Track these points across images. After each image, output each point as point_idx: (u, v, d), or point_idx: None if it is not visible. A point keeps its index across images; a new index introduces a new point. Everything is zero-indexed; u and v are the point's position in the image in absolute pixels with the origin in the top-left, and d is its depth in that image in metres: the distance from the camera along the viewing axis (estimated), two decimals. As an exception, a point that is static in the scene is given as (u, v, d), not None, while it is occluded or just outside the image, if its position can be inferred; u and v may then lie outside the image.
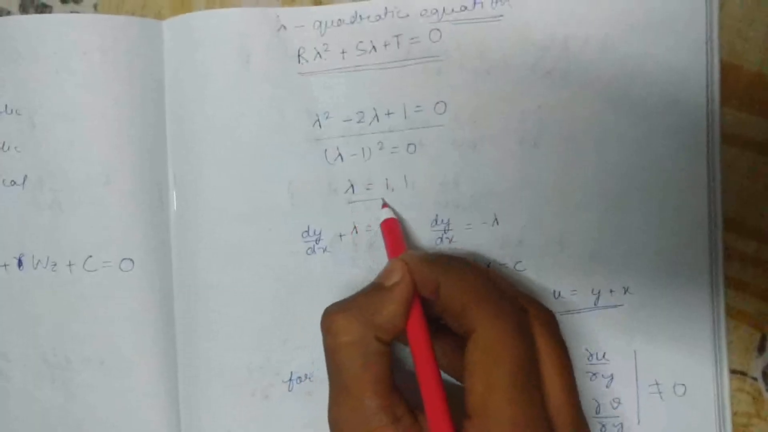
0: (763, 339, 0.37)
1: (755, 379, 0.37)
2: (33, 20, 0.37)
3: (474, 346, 0.29)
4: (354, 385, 0.29)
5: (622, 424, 0.37)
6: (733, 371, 0.37)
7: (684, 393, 0.37)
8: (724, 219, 0.36)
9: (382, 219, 0.36)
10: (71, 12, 0.38)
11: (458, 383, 0.33)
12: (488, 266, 0.37)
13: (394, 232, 0.35)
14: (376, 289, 0.31)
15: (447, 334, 0.33)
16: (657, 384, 0.37)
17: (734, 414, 0.37)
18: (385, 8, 0.36)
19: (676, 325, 0.37)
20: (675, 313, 0.37)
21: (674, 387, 0.37)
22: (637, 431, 0.37)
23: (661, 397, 0.37)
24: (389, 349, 0.30)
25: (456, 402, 0.29)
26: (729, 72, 0.36)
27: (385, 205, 0.37)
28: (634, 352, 0.37)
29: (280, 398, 0.37)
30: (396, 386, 0.30)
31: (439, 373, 0.30)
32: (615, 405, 0.37)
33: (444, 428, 0.28)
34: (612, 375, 0.37)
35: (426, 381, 0.30)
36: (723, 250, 0.36)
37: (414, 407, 0.30)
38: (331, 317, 0.30)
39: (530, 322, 0.30)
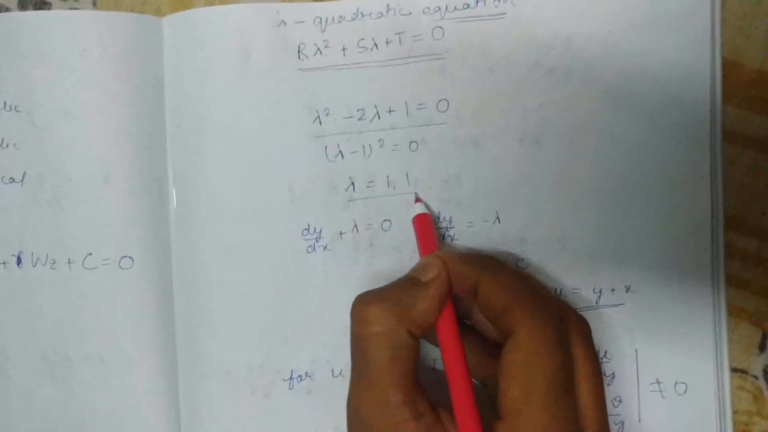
0: (764, 337, 0.37)
1: (756, 377, 0.37)
2: (32, 17, 0.37)
3: (513, 348, 0.29)
4: (379, 376, 0.29)
5: (623, 422, 0.37)
6: (734, 369, 0.37)
7: (685, 391, 0.37)
8: (725, 217, 0.37)
9: (414, 214, 0.36)
10: (70, 9, 0.38)
11: (479, 383, 0.33)
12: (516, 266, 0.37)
13: (427, 228, 0.35)
14: (410, 282, 0.31)
15: (472, 334, 0.33)
16: (658, 382, 0.37)
17: (735, 412, 0.37)
18: (387, 5, 0.36)
19: (677, 324, 0.37)
20: (676, 312, 0.37)
21: (675, 385, 0.37)
22: (638, 429, 0.37)
23: (662, 396, 0.37)
24: (418, 345, 0.30)
25: (479, 402, 0.29)
26: (730, 69, 0.36)
27: (418, 199, 0.36)
28: (636, 350, 0.37)
29: (281, 396, 0.37)
30: (419, 383, 0.30)
31: (469, 372, 0.30)
32: (616, 403, 0.37)
33: (473, 428, 0.28)
34: (613, 373, 0.37)
35: (455, 379, 0.30)
36: (724, 248, 0.36)
37: (435, 405, 0.30)
38: (363, 306, 0.30)
39: (568, 329, 0.30)
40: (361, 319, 0.30)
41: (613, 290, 0.37)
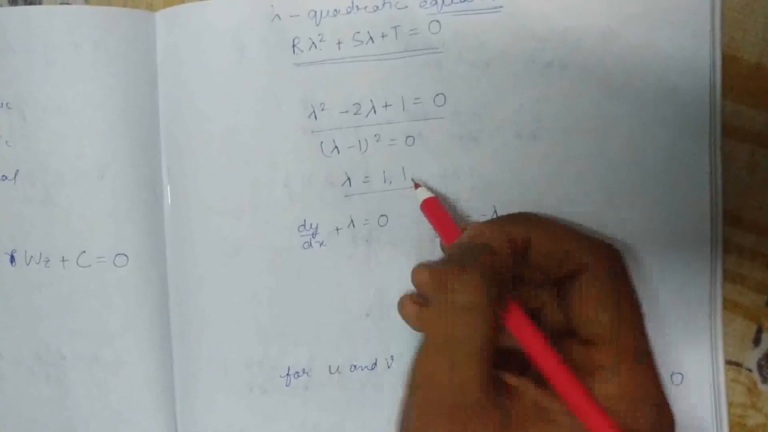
0: (758, 331, 0.37)
1: (750, 370, 0.37)
2: (23, 12, 0.36)
3: (590, 282, 0.30)
4: (460, 346, 0.28)
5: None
6: (728, 362, 0.37)
7: (681, 382, 0.37)
8: (723, 211, 0.36)
9: (420, 200, 0.35)
10: (61, 3, 0.37)
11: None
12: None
13: (440, 211, 0.34)
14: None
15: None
16: (654, 374, 0.37)
17: (730, 404, 0.37)
18: (383, -1, 0.36)
19: (674, 317, 0.37)
20: (673, 305, 0.37)
21: (671, 376, 0.37)
22: (634, 421, 0.38)
23: (658, 387, 0.37)
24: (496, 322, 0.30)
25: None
26: (728, 63, 0.36)
27: (417, 184, 0.36)
28: (632, 343, 0.37)
29: (278, 393, 0.37)
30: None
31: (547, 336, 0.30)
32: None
33: (567, 376, 0.29)
34: (609, 366, 0.37)
35: (535, 344, 0.30)
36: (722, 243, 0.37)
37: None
38: (454, 274, 0.29)
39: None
40: (454, 288, 0.29)
41: (610, 285, 0.37)
